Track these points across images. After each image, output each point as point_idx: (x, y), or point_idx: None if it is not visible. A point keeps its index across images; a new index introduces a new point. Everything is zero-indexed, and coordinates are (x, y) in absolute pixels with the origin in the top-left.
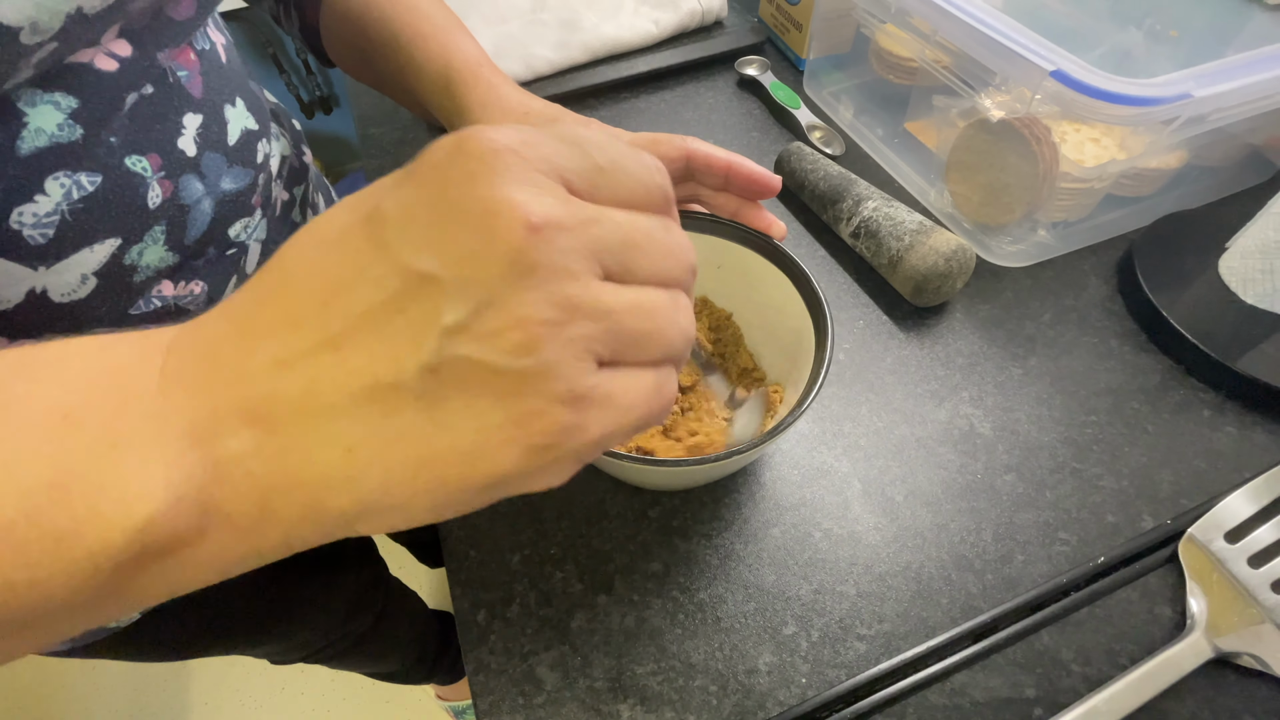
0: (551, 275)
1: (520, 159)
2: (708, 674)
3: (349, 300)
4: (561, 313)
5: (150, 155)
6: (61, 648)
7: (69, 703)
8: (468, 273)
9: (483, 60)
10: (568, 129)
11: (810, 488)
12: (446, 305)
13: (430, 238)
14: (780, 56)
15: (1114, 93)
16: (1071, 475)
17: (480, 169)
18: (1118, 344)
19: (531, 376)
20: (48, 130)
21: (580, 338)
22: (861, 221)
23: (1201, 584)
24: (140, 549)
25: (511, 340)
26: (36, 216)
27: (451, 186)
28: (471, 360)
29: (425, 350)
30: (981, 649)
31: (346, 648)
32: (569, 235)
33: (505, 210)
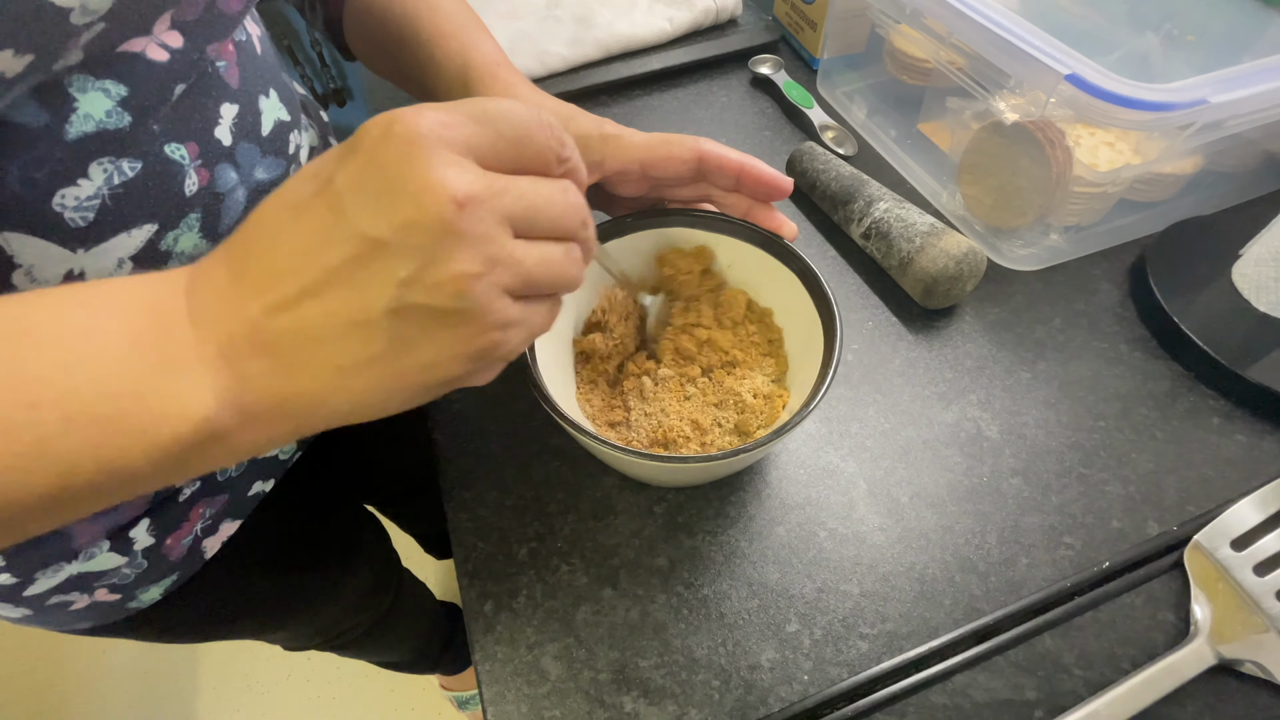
0: (474, 239)
1: (441, 141)
2: (710, 669)
3: (321, 258)
4: (485, 266)
5: (189, 144)
6: (82, 626)
7: (80, 685)
8: (411, 239)
9: (500, 60)
10: (481, 104)
11: (816, 487)
12: (398, 264)
13: (378, 208)
14: (794, 55)
15: (1129, 97)
16: (1078, 480)
17: (411, 150)
18: (1128, 349)
19: (468, 312)
20: (96, 116)
21: (500, 283)
22: (873, 222)
23: (1206, 591)
24: (199, 437)
25: (450, 289)
26: (78, 200)
27: (390, 165)
28: (421, 305)
29: (386, 297)
30: (983, 650)
31: (358, 636)
32: (486, 206)
33: (435, 188)
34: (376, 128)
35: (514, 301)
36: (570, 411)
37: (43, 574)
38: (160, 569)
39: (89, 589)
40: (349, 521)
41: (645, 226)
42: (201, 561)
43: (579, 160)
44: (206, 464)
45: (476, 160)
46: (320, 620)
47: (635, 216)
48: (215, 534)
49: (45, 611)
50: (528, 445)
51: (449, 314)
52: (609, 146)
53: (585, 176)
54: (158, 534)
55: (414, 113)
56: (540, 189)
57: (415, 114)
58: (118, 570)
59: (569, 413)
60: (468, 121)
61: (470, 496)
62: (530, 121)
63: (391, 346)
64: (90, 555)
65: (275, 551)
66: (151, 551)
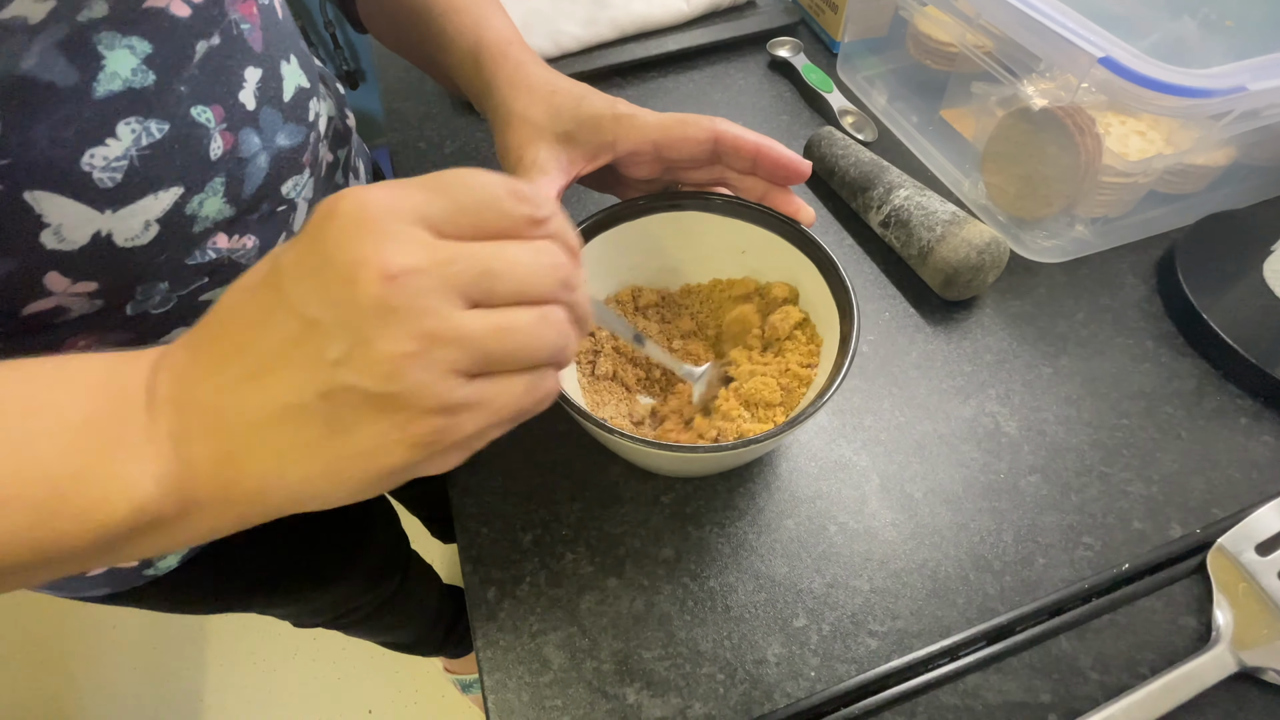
0: (409, 315)
1: (387, 213)
2: (715, 662)
3: (262, 339)
4: (420, 344)
5: (214, 106)
6: (98, 593)
7: (89, 654)
8: (341, 316)
9: (513, 38)
10: (439, 175)
11: (827, 481)
12: (329, 344)
13: (313, 288)
14: (814, 38)
15: (1164, 82)
16: (1099, 479)
17: (348, 227)
18: (1154, 346)
19: (403, 396)
20: (122, 75)
21: (441, 361)
22: (892, 210)
23: (1229, 596)
24: (137, 522)
25: (381, 370)
26: (106, 160)
27: (328, 243)
28: (354, 387)
29: (318, 379)
30: (997, 651)
31: (364, 615)
32: (425, 277)
33: (364, 263)
34: (324, 205)
35: (468, 381)
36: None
37: None
38: None
39: None
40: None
41: (657, 210)
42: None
43: (562, 223)
44: (148, 549)
45: (432, 231)
46: (328, 597)
47: (648, 199)
48: None
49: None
50: (534, 431)
51: (383, 398)
52: (621, 126)
53: (574, 239)
54: None
55: (363, 189)
56: (504, 251)
57: (363, 190)
58: None
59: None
60: (419, 192)
61: (475, 482)
62: (494, 189)
63: (327, 431)
64: None
65: (287, 526)
66: None
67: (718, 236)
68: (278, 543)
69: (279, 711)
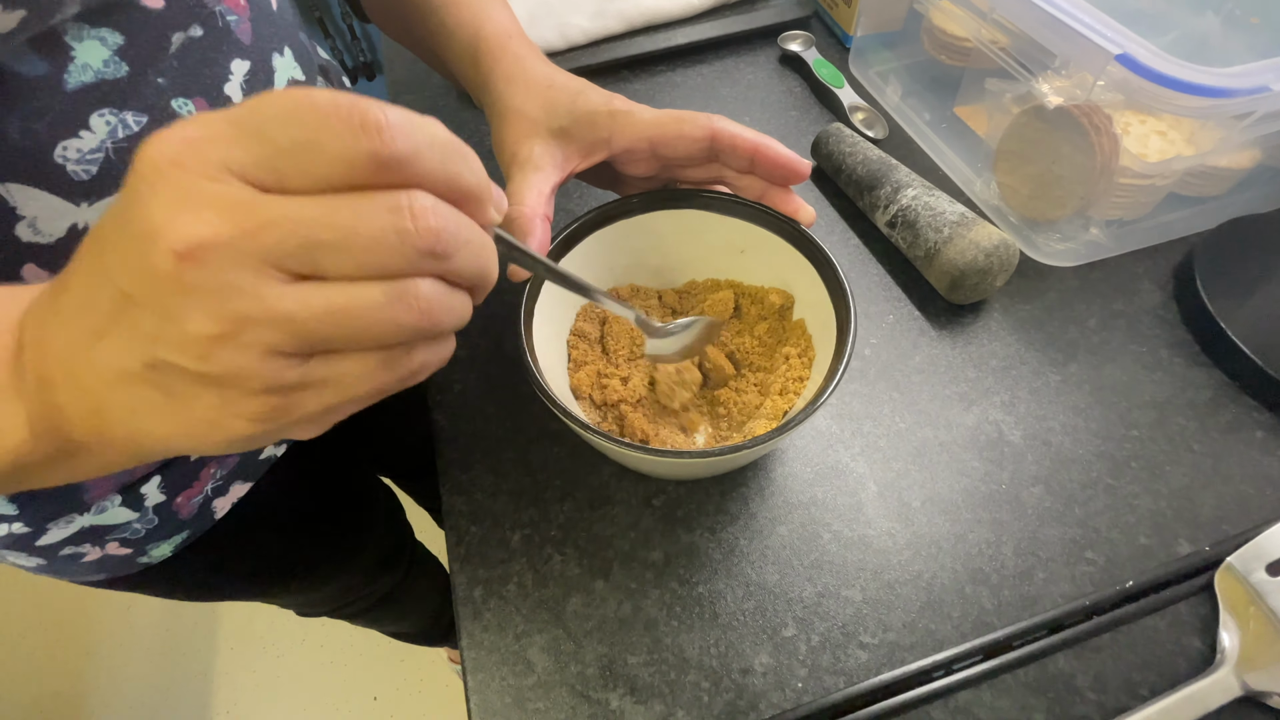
0: (211, 294)
1: (181, 170)
2: (701, 669)
3: (94, 301)
4: (227, 326)
5: (196, 99)
6: (96, 579)
7: (105, 634)
8: (145, 291)
9: (513, 31)
10: (254, 105)
11: (822, 486)
12: (141, 318)
13: (118, 256)
14: (826, 32)
15: (1185, 81)
16: (1105, 492)
17: (141, 188)
18: (1168, 354)
19: (224, 377)
20: (94, 66)
21: (256, 343)
22: (899, 210)
23: (1236, 617)
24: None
25: (192, 352)
26: (80, 152)
27: (127, 202)
28: (173, 364)
29: (139, 351)
30: (991, 667)
31: (370, 605)
32: (226, 251)
33: (156, 235)
34: (138, 150)
35: (300, 361)
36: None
37: (54, 525)
38: (171, 526)
39: (100, 542)
40: (362, 492)
41: (652, 208)
42: (212, 521)
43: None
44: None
45: (247, 181)
46: (330, 587)
47: (643, 197)
48: (226, 494)
49: (58, 562)
50: (527, 429)
51: (204, 376)
52: (617, 123)
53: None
54: (168, 491)
55: (166, 131)
56: (336, 214)
57: (165, 133)
58: (129, 525)
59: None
60: (229, 132)
61: (466, 479)
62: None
63: (166, 397)
64: (102, 509)
65: (285, 516)
66: (162, 508)
67: (716, 235)
68: (275, 534)
69: (286, 696)
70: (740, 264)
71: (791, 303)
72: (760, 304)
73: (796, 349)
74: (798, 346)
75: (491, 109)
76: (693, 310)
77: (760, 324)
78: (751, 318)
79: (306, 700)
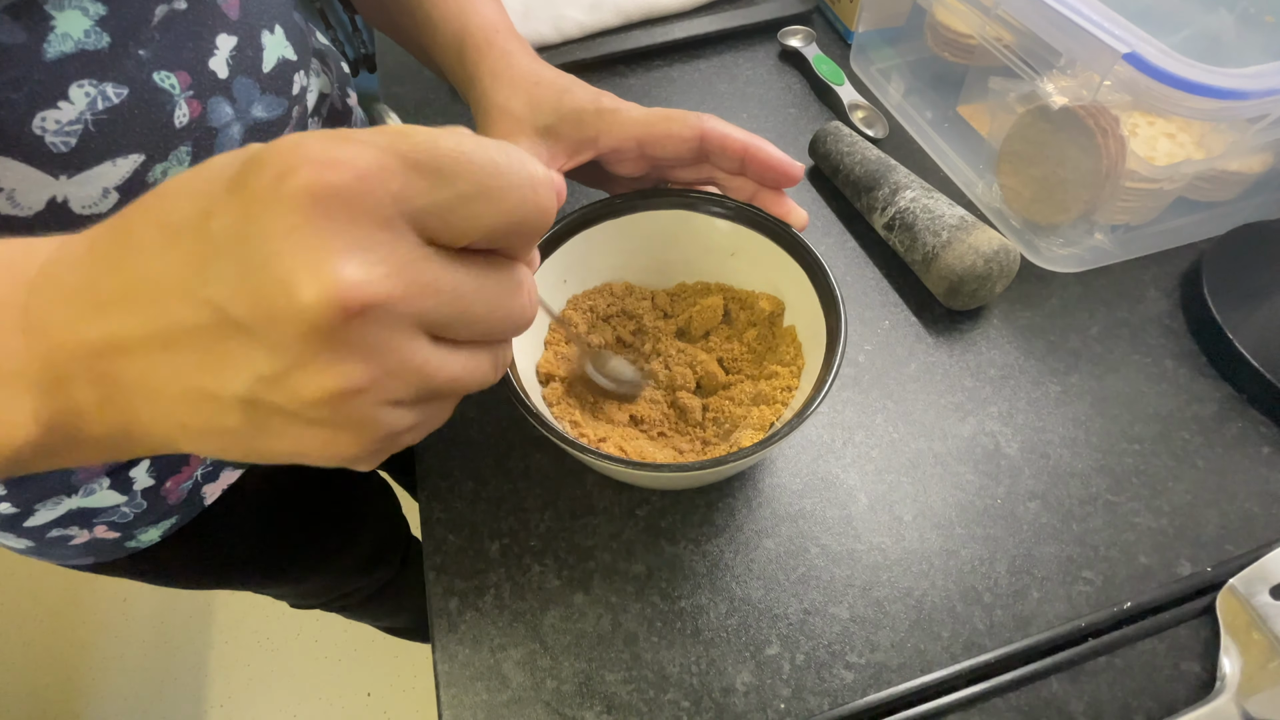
0: (367, 351)
1: (351, 210)
2: (681, 688)
3: (176, 310)
4: (372, 381)
5: (179, 73)
6: (83, 563)
7: (100, 624)
8: (277, 335)
9: (500, 25)
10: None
11: (812, 498)
12: (258, 356)
13: (241, 282)
14: (828, 27)
15: (1195, 82)
16: (1104, 508)
17: (300, 224)
18: (1173, 365)
19: (341, 424)
20: (74, 36)
21: (388, 396)
22: (897, 212)
23: (1238, 642)
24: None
25: (319, 401)
26: (59, 124)
27: (269, 231)
28: (281, 408)
29: (240, 385)
30: (981, 690)
31: (362, 600)
32: (392, 313)
33: (317, 284)
34: (271, 168)
35: (409, 409)
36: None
37: (42, 506)
38: (159, 510)
39: (89, 524)
40: (356, 485)
41: (639, 208)
42: (201, 507)
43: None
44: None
45: (415, 228)
46: (321, 579)
47: (627, 197)
48: (216, 481)
49: (46, 544)
50: (509, 435)
51: (316, 422)
52: (605, 122)
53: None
54: (157, 475)
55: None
56: (485, 289)
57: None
58: (117, 508)
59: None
60: (403, 170)
61: (445, 486)
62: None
63: (247, 429)
64: (90, 491)
65: (276, 505)
66: (151, 492)
67: (705, 237)
68: (266, 524)
69: (281, 689)
70: (731, 267)
71: (782, 309)
72: (750, 309)
73: (786, 357)
74: (787, 354)
75: (477, 105)
76: (683, 314)
77: (750, 330)
78: (741, 324)
79: (300, 694)
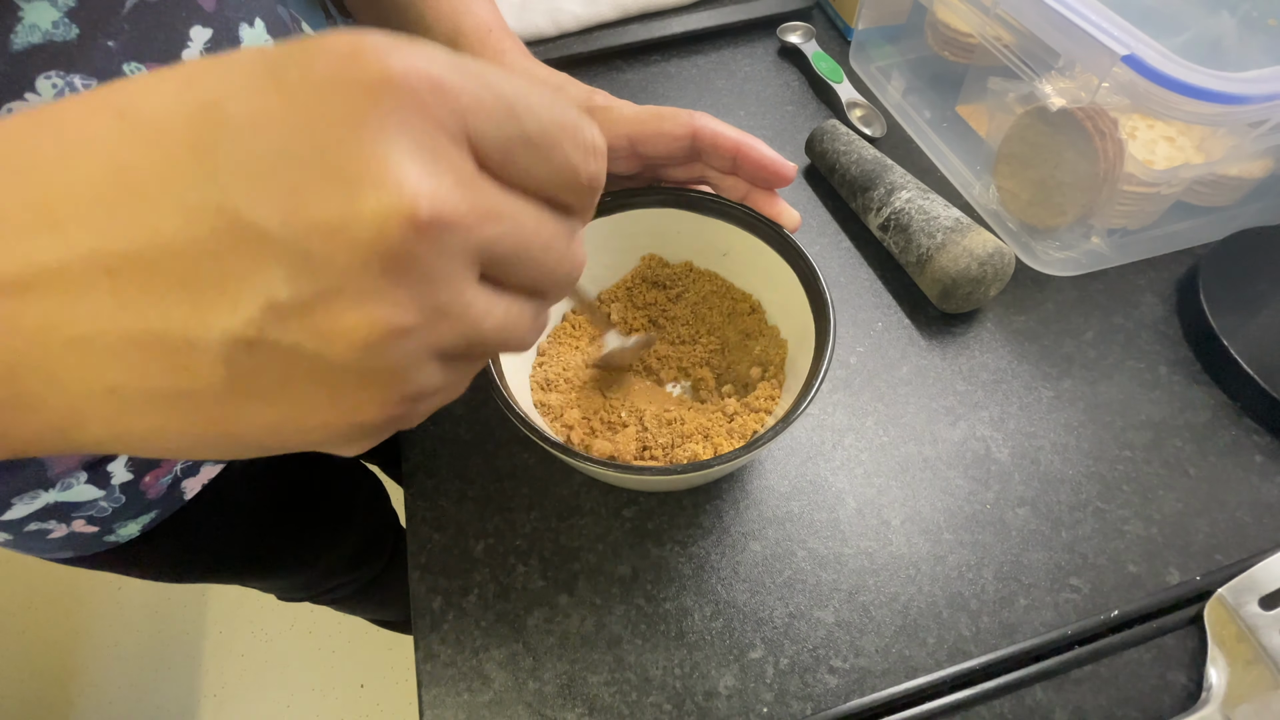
0: (424, 279)
1: (425, 109)
2: (664, 691)
3: (145, 220)
4: (423, 319)
5: (150, 64)
6: (62, 556)
7: (94, 614)
8: (317, 247)
9: (493, 24)
10: (505, 77)
11: (799, 501)
12: (279, 276)
13: (276, 185)
14: (827, 24)
15: (1195, 85)
16: (1094, 515)
17: (370, 112)
18: (1167, 372)
19: (370, 375)
20: (42, 27)
21: (435, 343)
22: (892, 213)
23: (1225, 652)
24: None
25: (356, 339)
26: None
27: (325, 123)
28: (298, 349)
29: (240, 319)
30: (965, 697)
31: (353, 593)
32: (458, 236)
33: (388, 189)
34: (332, 53)
35: (442, 366)
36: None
37: (19, 500)
38: (138, 505)
39: (66, 519)
40: (342, 478)
41: (630, 206)
42: (181, 502)
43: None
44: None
45: (476, 155)
46: (307, 574)
47: (616, 195)
48: (196, 475)
49: (24, 538)
50: (497, 433)
51: (337, 371)
52: (596, 119)
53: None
54: (136, 470)
55: (398, 49)
56: (544, 229)
57: (400, 52)
58: (95, 503)
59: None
60: (480, 86)
61: (431, 484)
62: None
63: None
64: (67, 485)
65: (258, 499)
66: (129, 487)
67: (698, 237)
68: (248, 518)
69: (274, 680)
70: (723, 267)
71: (773, 310)
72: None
73: (775, 359)
74: (776, 356)
75: None
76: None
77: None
78: (733, 325)
79: (294, 685)
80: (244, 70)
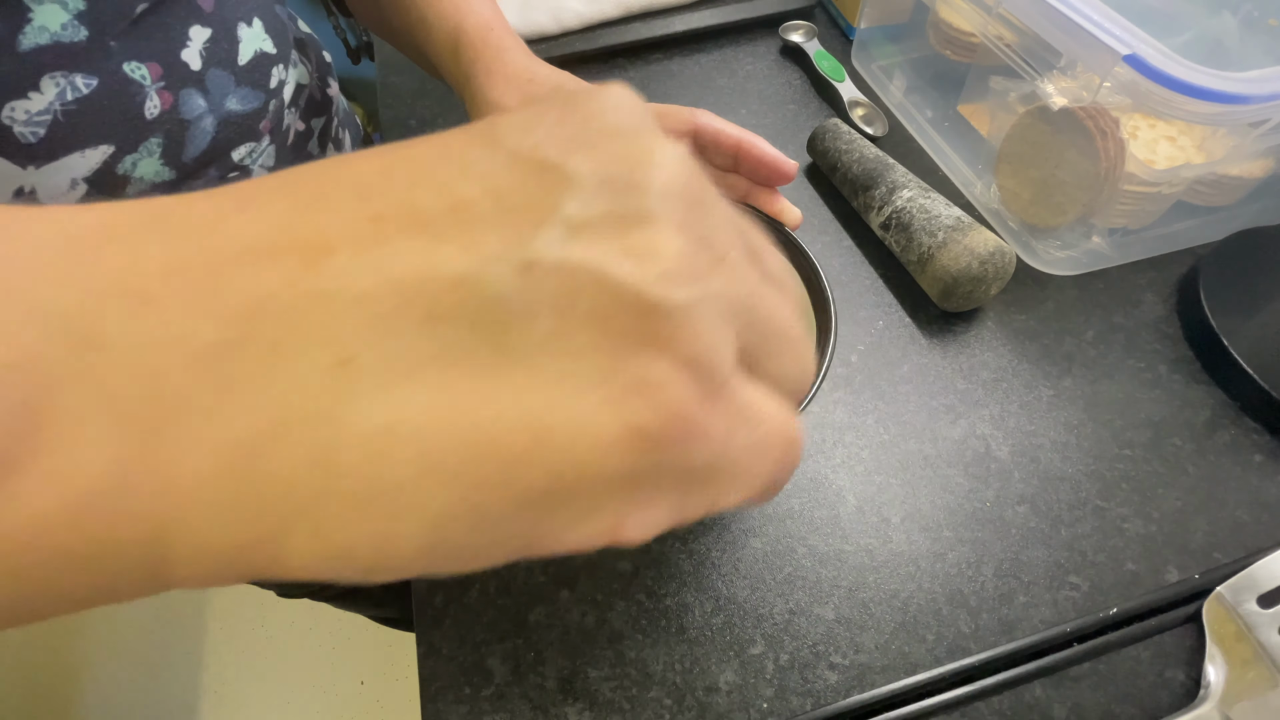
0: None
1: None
2: (664, 686)
3: (410, 193)
4: (714, 259)
5: (150, 64)
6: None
7: (94, 613)
8: (612, 170)
9: (494, 23)
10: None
11: (799, 498)
12: (571, 195)
13: (566, 139)
14: (830, 23)
15: (1196, 85)
16: (1093, 513)
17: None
18: (1167, 371)
19: (667, 317)
20: (51, 29)
21: (726, 303)
22: (894, 212)
23: (1223, 650)
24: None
25: (658, 261)
26: (29, 114)
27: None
28: (589, 269)
29: (522, 242)
30: (964, 694)
31: (350, 590)
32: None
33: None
34: (594, 93)
35: (745, 370)
36: None
37: None
38: None
39: None
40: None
41: None
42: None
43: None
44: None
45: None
46: None
47: None
48: None
49: None
50: None
51: (629, 309)
52: None
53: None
54: None
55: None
56: (770, 294)
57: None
58: None
59: None
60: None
61: None
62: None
63: (484, 349)
64: None
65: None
66: None
67: None
68: None
69: (274, 677)
70: None
71: None
72: None
73: None
74: None
75: (471, 102)
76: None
77: None
78: None
79: (294, 682)
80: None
